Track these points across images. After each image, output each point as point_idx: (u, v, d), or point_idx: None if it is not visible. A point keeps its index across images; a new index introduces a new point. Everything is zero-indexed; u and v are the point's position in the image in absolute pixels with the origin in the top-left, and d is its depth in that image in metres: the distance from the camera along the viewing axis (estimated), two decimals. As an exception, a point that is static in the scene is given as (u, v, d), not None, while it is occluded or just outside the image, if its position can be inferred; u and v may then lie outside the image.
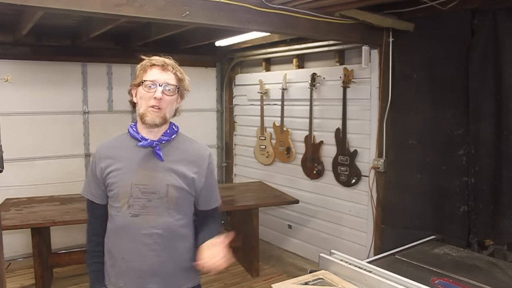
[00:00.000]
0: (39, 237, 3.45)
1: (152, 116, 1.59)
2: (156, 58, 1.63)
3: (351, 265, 1.98)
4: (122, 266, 1.63)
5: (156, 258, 1.62)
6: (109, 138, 1.75)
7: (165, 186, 1.62)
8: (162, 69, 1.60)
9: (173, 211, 1.63)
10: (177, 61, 1.68)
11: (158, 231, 1.61)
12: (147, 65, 1.62)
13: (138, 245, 1.61)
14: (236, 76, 5.51)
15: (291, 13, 2.81)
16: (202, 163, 1.72)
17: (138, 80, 1.62)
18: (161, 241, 1.61)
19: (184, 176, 1.65)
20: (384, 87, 3.49)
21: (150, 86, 1.58)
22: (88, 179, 1.71)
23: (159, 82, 1.58)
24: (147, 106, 1.59)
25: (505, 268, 2.20)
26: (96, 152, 1.70)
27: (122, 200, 1.61)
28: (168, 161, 1.64)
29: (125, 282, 1.64)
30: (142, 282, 1.62)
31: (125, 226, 1.61)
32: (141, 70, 1.63)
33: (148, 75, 1.60)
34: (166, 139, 1.66)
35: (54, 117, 4.53)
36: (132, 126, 1.70)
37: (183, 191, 1.65)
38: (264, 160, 4.93)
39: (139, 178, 1.61)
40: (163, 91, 1.58)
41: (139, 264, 1.61)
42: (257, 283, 3.91)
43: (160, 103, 1.58)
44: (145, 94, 1.59)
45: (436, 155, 3.15)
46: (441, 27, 3.09)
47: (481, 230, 2.93)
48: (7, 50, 4.23)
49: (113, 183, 1.62)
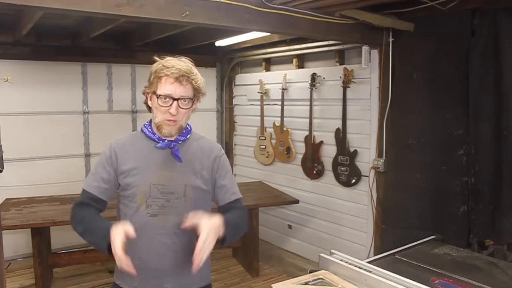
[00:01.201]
0: (39, 237, 3.45)
1: (168, 129, 1.59)
2: (171, 64, 1.55)
3: (351, 265, 1.98)
4: (138, 266, 1.58)
5: (174, 258, 1.62)
6: (121, 136, 1.71)
7: (183, 186, 1.62)
8: (178, 82, 1.54)
9: (191, 210, 1.62)
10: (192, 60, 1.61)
11: (176, 231, 1.61)
12: (162, 75, 1.54)
13: (156, 245, 1.60)
14: (236, 76, 5.51)
15: (291, 13, 2.81)
16: (214, 157, 1.72)
17: (152, 88, 1.57)
18: (178, 241, 1.62)
19: (201, 175, 1.66)
20: (384, 87, 3.49)
21: (164, 99, 1.54)
22: (96, 175, 1.63)
23: (175, 96, 1.54)
24: (163, 119, 1.57)
25: (505, 268, 2.20)
26: (111, 149, 1.64)
27: (140, 200, 1.60)
28: (185, 161, 1.64)
29: (140, 282, 1.62)
30: (159, 282, 1.62)
31: (143, 226, 1.59)
32: (155, 77, 1.56)
33: (162, 87, 1.54)
34: (183, 139, 1.67)
35: (54, 117, 4.53)
36: (146, 126, 1.68)
37: (200, 190, 1.66)
38: (264, 160, 4.93)
39: (158, 178, 1.61)
40: (178, 105, 1.55)
41: (157, 264, 1.61)
42: (257, 283, 3.91)
43: (176, 117, 1.57)
44: (160, 107, 1.56)
45: (436, 155, 3.15)
46: (441, 27, 3.09)
47: (481, 230, 2.93)
48: (7, 50, 4.23)
49: (130, 183, 1.60)
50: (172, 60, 1.58)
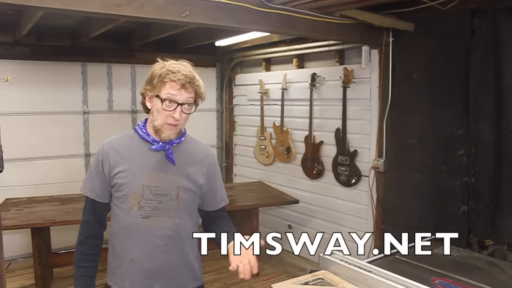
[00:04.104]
0: (39, 237, 3.45)
1: (168, 133, 1.58)
2: (176, 69, 1.53)
3: (351, 265, 1.98)
4: (130, 267, 1.61)
5: (165, 259, 1.62)
6: (113, 136, 1.69)
7: (176, 188, 1.62)
8: (184, 88, 1.54)
9: (183, 212, 1.64)
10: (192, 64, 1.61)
11: (169, 232, 1.61)
12: (167, 80, 1.53)
13: (148, 246, 1.60)
14: (236, 76, 5.51)
15: (291, 13, 2.81)
16: (208, 163, 1.72)
17: (155, 91, 1.55)
18: (171, 242, 1.62)
19: (193, 178, 1.66)
20: (384, 87, 3.49)
21: (169, 103, 1.54)
22: (91, 177, 1.65)
23: (179, 101, 1.54)
24: (163, 122, 1.56)
25: (505, 268, 2.20)
26: (103, 149, 1.63)
27: (132, 201, 1.59)
28: (178, 163, 1.63)
29: (131, 283, 1.62)
30: (149, 283, 1.62)
31: (135, 227, 1.59)
32: (159, 81, 1.54)
33: (167, 91, 1.53)
34: (177, 142, 1.65)
35: (54, 117, 4.53)
36: (140, 127, 1.66)
37: (192, 193, 1.66)
38: (264, 160, 4.93)
39: (151, 180, 1.60)
40: (182, 110, 1.55)
41: (149, 266, 1.61)
42: (257, 283, 3.91)
43: (178, 121, 1.57)
44: (163, 111, 1.54)
45: (436, 155, 3.15)
46: (441, 27, 3.09)
47: (481, 230, 2.93)
48: (7, 50, 4.23)
49: (122, 184, 1.59)
50: (176, 64, 1.56)
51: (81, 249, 1.65)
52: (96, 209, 1.66)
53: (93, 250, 1.66)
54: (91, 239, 1.66)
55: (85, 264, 1.65)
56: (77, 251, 1.66)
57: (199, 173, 1.68)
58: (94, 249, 1.66)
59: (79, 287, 1.64)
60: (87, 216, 1.66)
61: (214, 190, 1.75)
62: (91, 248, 1.66)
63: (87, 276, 1.64)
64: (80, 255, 1.65)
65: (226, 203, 1.82)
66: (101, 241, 1.69)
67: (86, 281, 1.64)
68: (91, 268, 1.65)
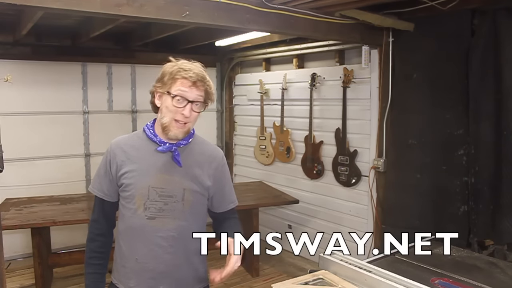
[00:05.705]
0: (39, 237, 3.45)
1: (176, 132, 1.58)
2: (188, 67, 1.55)
3: (351, 265, 1.98)
4: (135, 267, 1.62)
5: (170, 260, 1.62)
6: (122, 135, 1.70)
7: (182, 190, 1.62)
8: (195, 86, 1.55)
9: (188, 214, 1.64)
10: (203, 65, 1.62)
11: (174, 234, 1.61)
12: (178, 77, 1.54)
13: (153, 247, 1.60)
14: (236, 76, 5.51)
15: (291, 13, 2.81)
16: (216, 165, 1.73)
17: (165, 87, 1.55)
18: (175, 244, 1.62)
19: (200, 180, 1.65)
20: (384, 87, 3.49)
21: (179, 100, 1.54)
22: (100, 176, 1.66)
23: (189, 98, 1.54)
24: (172, 119, 1.56)
25: (505, 268, 2.20)
26: (111, 149, 1.64)
27: (138, 202, 1.59)
28: (185, 165, 1.63)
29: (136, 283, 1.63)
30: (154, 283, 1.62)
31: (140, 228, 1.60)
32: (170, 78, 1.55)
33: (178, 88, 1.54)
34: (185, 143, 1.65)
35: (54, 117, 4.53)
36: (148, 127, 1.66)
37: (198, 195, 1.65)
38: (264, 160, 4.93)
39: (157, 181, 1.60)
40: (191, 107, 1.56)
41: (153, 266, 1.61)
42: (257, 283, 3.91)
43: (188, 119, 1.57)
44: (173, 107, 1.55)
45: (436, 155, 3.14)
46: (441, 27, 3.09)
47: (481, 230, 2.93)
48: (7, 50, 4.23)
49: (129, 184, 1.60)
50: (187, 63, 1.58)
51: (91, 247, 1.68)
52: (104, 207, 1.67)
53: (103, 247, 1.68)
54: (100, 236, 1.68)
55: (94, 261, 1.67)
56: (87, 248, 1.69)
57: (206, 175, 1.68)
58: (104, 247, 1.68)
59: (89, 283, 1.66)
60: (96, 214, 1.69)
61: (222, 192, 1.75)
62: (100, 246, 1.68)
63: (97, 273, 1.67)
64: (90, 252, 1.68)
65: (235, 205, 1.81)
66: (110, 239, 1.71)
67: (96, 278, 1.67)
68: (100, 265, 1.68)
